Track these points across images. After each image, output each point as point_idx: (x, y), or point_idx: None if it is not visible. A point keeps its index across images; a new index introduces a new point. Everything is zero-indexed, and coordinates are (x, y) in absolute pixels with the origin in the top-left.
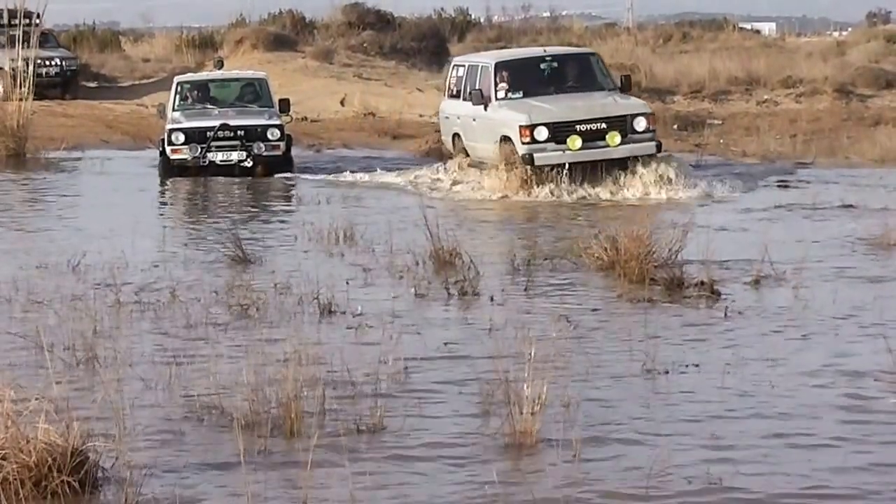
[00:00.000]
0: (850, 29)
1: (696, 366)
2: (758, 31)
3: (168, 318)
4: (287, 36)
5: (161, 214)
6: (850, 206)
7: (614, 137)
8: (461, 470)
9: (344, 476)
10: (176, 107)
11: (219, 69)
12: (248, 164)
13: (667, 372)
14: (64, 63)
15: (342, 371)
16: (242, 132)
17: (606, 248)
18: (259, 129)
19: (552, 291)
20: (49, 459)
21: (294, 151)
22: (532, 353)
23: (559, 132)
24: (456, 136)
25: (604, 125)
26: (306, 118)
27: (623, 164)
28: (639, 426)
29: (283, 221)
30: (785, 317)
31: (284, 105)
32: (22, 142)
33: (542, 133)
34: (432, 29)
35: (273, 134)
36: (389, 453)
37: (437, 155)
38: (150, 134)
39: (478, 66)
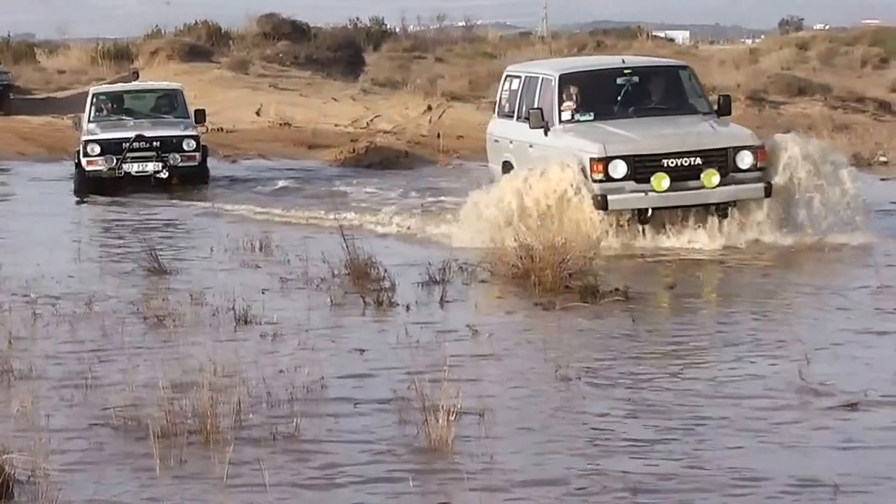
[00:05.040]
0: (762, 36)
1: (608, 371)
2: (671, 40)
3: (84, 329)
4: (202, 47)
5: (77, 226)
6: None
7: (711, 177)
8: (378, 478)
9: (261, 484)
10: (91, 118)
11: (134, 80)
12: (164, 175)
13: (579, 378)
14: None
15: (258, 380)
16: (158, 143)
17: (521, 257)
18: (175, 140)
19: (467, 300)
20: None
21: (210, 162)
22: (447, 362)
23: (642, 168)
24: (507, 164)
25: (698, 160)
26: (222, 129)
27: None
28: (553, 432)
29: (199, 232)
30: (694, 321)
31: (200, 116)
32: None
33: (619, 168)
34: (348, 39)
35: (189, 145)
36: (306, 462)
37: (353, 165)
38: (66, 146)
39: (537, 77)
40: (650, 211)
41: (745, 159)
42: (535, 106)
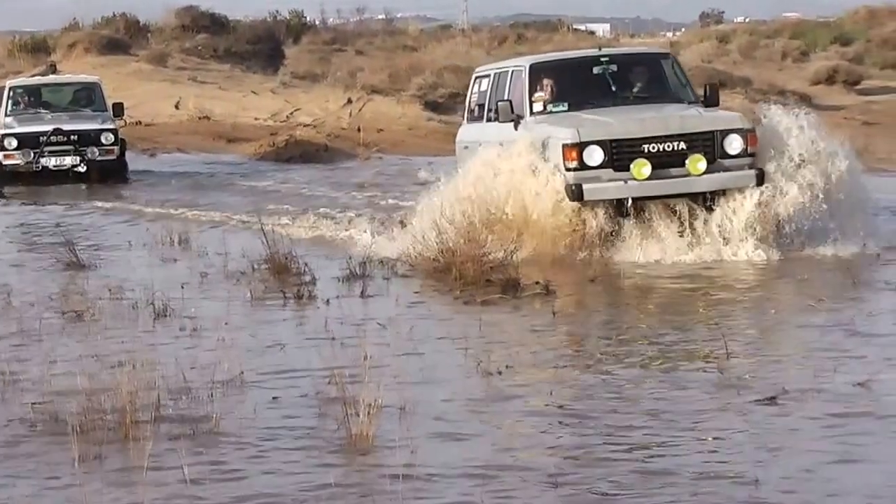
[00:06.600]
0: (683, 30)
1: (529, 365)
2: (592, 33)
3: (1, 324)
4: (121, 40)
5: None
6: None
7: (697, 163)
8: (299, 473)
9: (181, 481)
10: (8, 112)
11: (52, 74)
12: (82, 169)
13: (500, 372)
14: None
15: (177, 375)
16: (76, 137)
17: (442, 251)
18: (93, 134)
19: (388, 295)
20: None
21: (128, 156)
22: (367, 356)
23: (620, 154)
24: None
25: (683, 145)
26: (141, 122)
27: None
28: (474, 427)
29: (117, 226)
30: (615, 315)
31: (118, 109)
32: None
33: (594, 155)
34: (267, 32)
35: (107, 138)
36: (225, 456)
37: (273, 158)
38: None
39: (507, 72)
40: (629, 201)
41: (734, 144)
42: (505, 98)
